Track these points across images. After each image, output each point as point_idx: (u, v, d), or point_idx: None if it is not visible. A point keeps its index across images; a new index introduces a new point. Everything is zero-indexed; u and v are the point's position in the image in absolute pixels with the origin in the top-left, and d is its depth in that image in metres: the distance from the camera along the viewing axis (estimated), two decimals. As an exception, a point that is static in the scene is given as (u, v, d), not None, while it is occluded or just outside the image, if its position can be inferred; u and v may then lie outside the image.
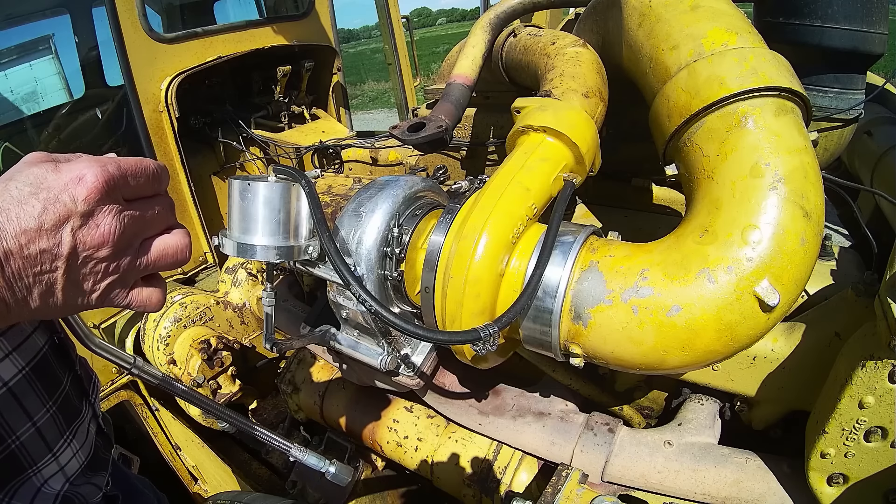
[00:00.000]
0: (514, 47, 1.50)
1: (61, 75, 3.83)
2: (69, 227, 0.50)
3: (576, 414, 1.40)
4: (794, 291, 0.81)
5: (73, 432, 0.79)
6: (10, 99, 3.65)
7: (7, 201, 0.48)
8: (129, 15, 2.50)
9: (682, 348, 0.83)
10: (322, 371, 1.85)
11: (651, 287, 0.84)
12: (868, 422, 0.89)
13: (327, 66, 3.54)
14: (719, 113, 0.88)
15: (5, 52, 3.63)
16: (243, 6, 3.99)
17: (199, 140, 3.14)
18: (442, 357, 1.33)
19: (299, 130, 3.34)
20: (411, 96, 4.46)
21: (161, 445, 2.53)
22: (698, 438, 1.23)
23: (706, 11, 0.99)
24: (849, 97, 1.23)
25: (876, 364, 0.86)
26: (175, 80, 2.65)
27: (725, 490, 1.11)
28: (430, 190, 1.19)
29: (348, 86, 4.03)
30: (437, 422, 1.58)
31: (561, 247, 0.93)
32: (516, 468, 1.39)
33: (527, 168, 0.99)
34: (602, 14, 1.27)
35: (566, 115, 1.05)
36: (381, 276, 1.06)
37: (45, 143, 3.26)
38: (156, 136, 2.68)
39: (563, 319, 0.91)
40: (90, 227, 0.51)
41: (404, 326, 0.79)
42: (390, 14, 4.10)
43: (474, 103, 1.79)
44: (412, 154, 2.23)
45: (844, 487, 0.97)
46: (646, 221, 1.51)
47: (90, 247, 0.52)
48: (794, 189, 0.80)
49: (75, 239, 0.50)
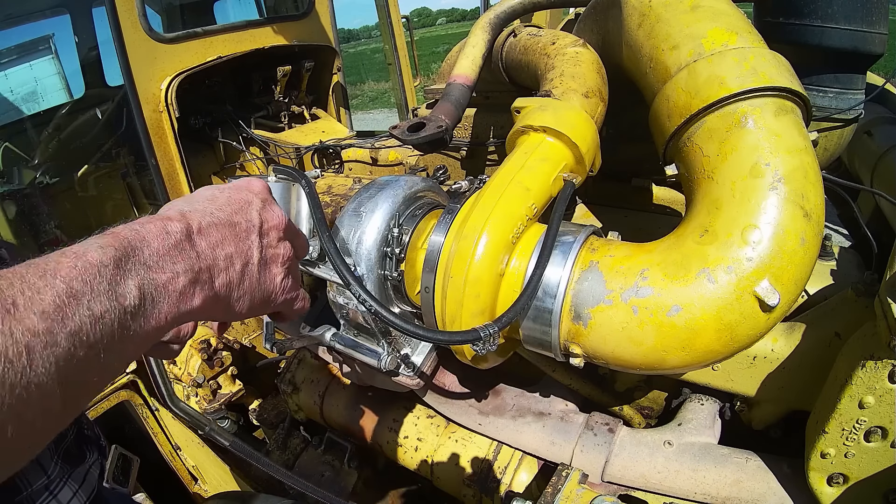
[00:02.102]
0: (514, 47, 1.50)
1: (61, 75, 3.83)
2: (255, 207, 0.60)
3: (576, 414, 1.40)
4: (794, 291, 0.81)
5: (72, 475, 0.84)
6: (10, 99, 3.66)
7: (201, 198, 0.58)
8: (129, 15, 2.50)
9: (682, 348, 0.83)
10: (322, 371, 1.85)
11: (651, 287, 0.84)
12: (868, 422, 0.89)
13: (327, 66, 3.54)
14: (719, 113, 0.88)
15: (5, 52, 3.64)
16: (243, 6, 3.99)
17: (199, 140, 3.14)
18: (442, 357, 1.33)
19: (299, 130, 3.34)
20: (411, 96, 4.45)
21: (161, 445, 2.53)
22: (698, 438, 1.23)
23: (706, 11, 0.99)
24: (849, 97, 1.23)
25: (876, 364, 0.86)
26: (175, 80, 2.65)
27: (725, 490, 1.11)
28: (430, 190, 1.19)
29: (348, 86, 4.03)
30: (437, 422, 1.58)
31: (561, 247, 0.93)
32: (516, 468, 1.39)
33: (527, 168, 0.99)
34: (602, 14, 1.27)
35: (566, 115, 1.05)
36: (381, 276, 1.06)
37: (45, 142, 3.27)
38: (156, 136, 2.68)
39: (563, 319, 0.91)
40: (268, 210, 0.62)
41: (404, 326, 0.79)
42: (390, 14, 4.10)
43: (474, 103, 1.79)
44: (412, 154, 2.23)
45: (844, 487, 0.97)
46: (646, 221, 1.51)
47: (271, 226, 0.61)
48: (794, 189, 0.80)
49: (261, 216, 0.60)
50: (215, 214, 0.56)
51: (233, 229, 0.56)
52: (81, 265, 0.41)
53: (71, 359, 0.39)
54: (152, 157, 2.67)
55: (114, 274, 0.43)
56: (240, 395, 2.88)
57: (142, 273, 0.46)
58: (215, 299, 0.54)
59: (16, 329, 0.35)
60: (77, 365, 0.39)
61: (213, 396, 2.81)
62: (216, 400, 2.80)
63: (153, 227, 0.49)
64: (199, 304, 0.51)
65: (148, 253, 0.47)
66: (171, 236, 0.49)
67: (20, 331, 0.36)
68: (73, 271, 0.41)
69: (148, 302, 0.46)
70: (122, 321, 0.43)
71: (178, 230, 0.50)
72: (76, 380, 0.40)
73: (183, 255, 0.50)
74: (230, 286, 0.56)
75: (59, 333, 0.38)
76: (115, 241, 0.45)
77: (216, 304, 0.55)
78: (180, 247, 0.50)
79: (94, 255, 0.43)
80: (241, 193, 0.61)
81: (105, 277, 0.42)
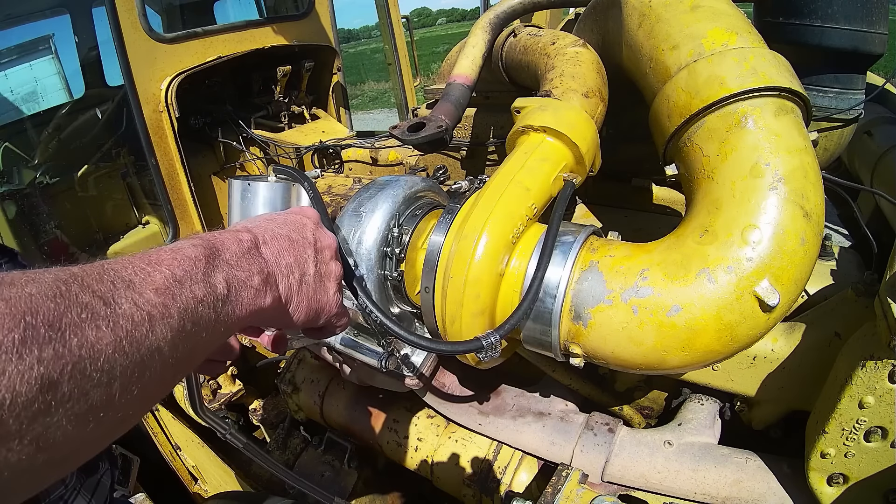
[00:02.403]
0: (514, 47, 1.50)
1: (61, 75, 3.83)
2: (309, 228, 0.67)
3: (576, 414, 1.40)
4: (794, 291, 0.81)
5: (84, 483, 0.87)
6: (10, 99, 3.66)
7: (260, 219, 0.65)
8: (129, 15, 2.50)
9: (682, 348, 0.83)
10: (322, 371, 1.85)
11: (651, 287, 0.84)
12: (868, 422, 0.89)
13: (327, 66, 3.54)
14: (719, 113, 0.88)
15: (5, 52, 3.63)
16: (243, 6, 3.99)
17: (199, 140, 3.13)
18: (442, 357, 1.33)
19: (299, 130, 3.34)
20: (411, 96, 4.45)
21: (161, 445, 2.52)
22: (698, 438, 1.23)
23: (706, 11, 0.99)
24: (849, 97, 1.23)
25: (876, 364, 0.86)
26: (175, 80, 2.65)
27: (725, 490, 1.11)
28: (430, 190, 1.19)
29: (348, 86, 4.03)
30: (437, 422, 1.58)
31: (561, 247, 0.93)
32: (516, 468, 1.39)
33: (527, 168, 0.99)
34: (602, 14, 1.27)
35: (566, 115, 1.05)
36: (381, 276, 1.06)
37: (45, 142, 3.27)
38: (156, 136, 2.68)
39: (563, 319, 0.91)
40: (321, 231, 0.69)
41: (407, 337, 0.79)
42: (390, 14, 4.10)
43: (474, 103, 1.79)
44: (412, 154, 2.23)
45: (844, 487, 0.97)
46: (646, 221, 1.51)
47: (324, 244, 0.68)
48: (794, 189, 0.80)
49: (314, 235, 0.67)
50: (275, 231, 0.63)
51: (291, 243, 0.63)
52: (180, 257, 0.48)
53: (181, 332, 0.45)
54: (152, 157, 2.67)
55: (206, 267, 0.50)
56: (240, 395, 2.88)
57: (226, 269, 0.53)
58: (278, 303, 0.60)
59: (137, 299, 0.41)
60: (185, 339, 0.45)
61: (213, 396, 2.81)
62: (216, 400, 2.81)
63: (229, 235, 0.57)
64: (269, 303, 0.58)
65: (228, 254, 0.54)
66: (243, 243, 0.57)
67: (141, 301, 0.42)
68: (174, 262, 0.47)
69: (233, 293, 0.52)
70: (216, 306, 0.50)
71: (248, 239, 0.58)
72: (184, 353, 0.46)
73: (254, 259, 0.57)
74: (290, 292, 0.62)
75: (172, 308, 0.44)
76: (203, 242, 0.53)
77: (278, 308, 0.61)
78: (251, 252, 0.57)
79: (189, 251, 0.50)
80: (295, 216, 0.68)
81: (199, 269, 0.49)
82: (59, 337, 0.34)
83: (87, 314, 0.37)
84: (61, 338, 0.34)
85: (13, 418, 0.31)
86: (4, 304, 0.33)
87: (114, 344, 0.38)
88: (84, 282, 0.39)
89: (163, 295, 0.44)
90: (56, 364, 0.34)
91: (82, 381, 0.35)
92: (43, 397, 0.33)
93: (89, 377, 0.36)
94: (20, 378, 0.31)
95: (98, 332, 0.37)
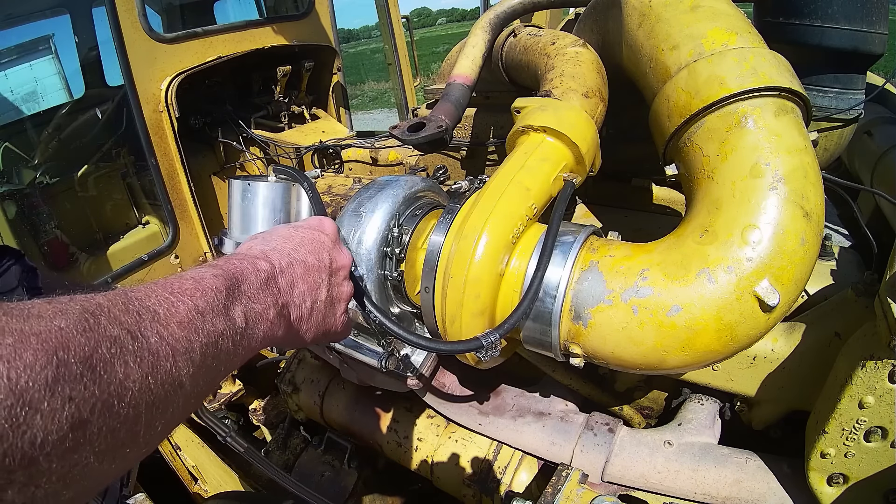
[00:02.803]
0: (514, 47, 1.50)
1: (61, 75, 3.83)
2: (326, 249, 0.67)
3: (576, 414, 1.40)
4: (794, 291, 0.81)
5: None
6: (10, 99, 3.66)
7: (277, 236, 0.65)
8: (129, 15, 2.50)
9: (682, 348, 0.83)
10: (322, 371, 1.85)
11: (651, 287, 0.84)
12: (868, 422, 0.89)
13: (327, 66, 3.54)
14: (719, 113, 0.88)
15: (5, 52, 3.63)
16: (243, 6, 4.00)
17: (199, 140, 3.14)
18: (442, 357, 1.33)
19: (299, 130, 3.34)
20: (411, 96, 4.45)
21: (161, 445, 2.52)
22: (698, 438, 1.23)
23: (706, 11, 0.99)
24: (849, 97, 1.23)
25: (876, 364, 0.85)
26: (175, 80, 2.65)
27: (725, 490, 1.11)
28: (430, 190, 1.19)
29: (348, 86, 4.03)
30: (437, 422, 1.58)
31: (561, 247, 0.93)
32: (516, 468, 1.39)
33: (527, 168, 0.99)
34: (602, 14, 1.27)
35: (566, 115, 1.05)
36: (381, 276, 1.06)
37: (45, 142, 3.26)
38: (156, 136, 2.68)
39: (563, 319, 0.91)
40: (337, 250, 0.69)
41: (407, 337, 0.79)
42: (390, 14, 4.10)
43: (474, 103, 1.79)
44: (412, 154, 2.23)
45: (844, 487, 0.97)
46: (646, 221, 1.51)
47: (339, 265, 0.68)
48: (794, 189, 0.80)
49: (331, 256, 0.67)
50: (292, 255, 0.63)
51: (306, 269, 0.63)
52: (202, 288, 0.48)
53: (203, 366, 0.45)
54: (152, 157, 2.67)
55: (226, 299, 0.50)
56: (240, 395, 2.88)
57: (244, 302, 0.53)
58: (290, 330, 0.61)
59: (163, 332, 0.41)
60: (206, 373, 0.46)
61: (213, 396, 2.81)
62: (216, 400, 2.80)
63: (248, 264, 0.57)
64: (281, 334, 0.59)
65: (246, 286, 0.54)
66: (261, 273, 0.57)
67: (166, 335, 0.42)
68: (197, 292, 0.47)
69: (250, 326, 0.53)
70: (235, 339, 0.50)
71: (266, 269, 0.58)
72: (204, 386, 0.46)
73: (270, 290, 0.57)
74: (301, 320, 0.63)
75: (195, 342, 0.44)
76: (223, 272, 0.52)
77: (289, 333, 0.62)
78: (268, 283, 0.58)
79: (209, 282, 0.50)
80: (314, 234, 0.68)
81: (220, 301, 0.49)
82: (91, 374, 0.34)
83: (117, 349, 0.37)
84: (92, 375, 0.34)
85: (44, 457, 0.31)
86: (36, 340, 0.32)
87: (141, 380, 0.38)
88: (111, 313, 0.38)
89: (186, 329, 0.44)
90: (87, 402, 0.33)
91: (110, 418, 0.35)
92: (73, 435, 0.32)
93: (117, 414, 0.36)
94: (52, 417, 0.31)
95: (126, 368, 0.37)
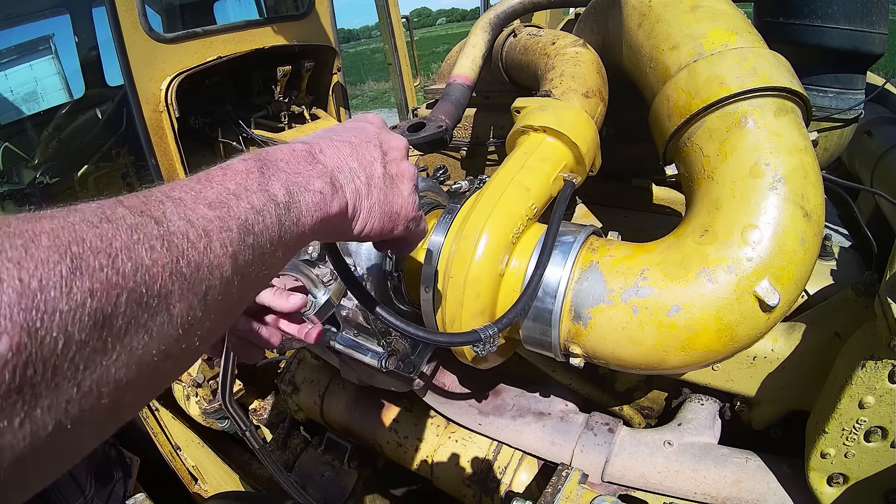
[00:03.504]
0: (514, 47, 1.50)
1: (61, 75, 3.84)
2: (372, 131, 0.63)
3: (576, 414, 1.40)
4: (794, 291, 0.81)
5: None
6: (10, 99, 3.66)
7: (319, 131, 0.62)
8: (129, 15, 2.50)
9: (682, 348, 0.83)
10: (322, 371, 1.85)
11: (651, 287, 0.84)
12: (868, 422, 0.89)
13: (327, 66, 3.55)
14: (719, 113, 0.88)
15: (5, 52, 3.64)
16: (243, 6, 4.00)
17: (199, 140, 3.14)
18: (442, 357, 1.33)
19: (299, 130, 3.34)
20: (411, 96, 4.46)
21: (161, 445, 2.52)
22: (698, 438, 1.23)
23: (706, 11, 0.99)
24: (849, 97, 1.23)
25: (876, 364, 0.85)
26: (175, 80, 2.66)
27: (725, 490, 1.11)
28: (430, 190, 1.19)
29: (348, 86, 4.03)
30: (437, 422, 1.58)
31: (561, 247, 0.93)
32: (516, 468, 1.39)
33: (527, 168, 0.99)
34: (602, 14, 1.27)
35: (566, 115, 1.05)
36: (381, 276, 1.06)
37: (45, 142, 3.27)
38: (156, 136, 2.68)
39: (563, 319, 0.91)
40: (387, 133, 0.65)
41: (404, 328, 0.79)
42: (390, 14, 4.10)
43: (474, 103, 1.79)
44: (412, 154, 2.23)
45: (844, 487, 0.97)
46: (646, 221, 1.51)
47: (392, 145, 0.64)
48: (794, 189, 0.80)
49: (379, 137, 0.63)
50: (332, 137, 0.59)
51: (353, 147, 0.59)
52: (231, 172, 0.45)
53: (242, 246, 0.41)
54: (152, 157, 2.68)
55: (260, 177, 0.46)
56: (240, 394, 2.87)
57: (283, 176, 0.48)
58: (346, 209, 0.56)
59: (191, 215, 0.38)
60: (247, 254, 0.42)
61: (213, 396, 2.81)
62: (216, 400, 2.80)
63: (280, 147, 0.53)
64: (336, 210, 0.53)
65: (283, 163, 0.50)
66: (297, 153, 0.53)
67: (195, 217, 0.38)
68: (225, 177, 0.44)
69: (294, 199, 0.48)
70: (279, 215, 0.46)
71: (303, 149, 0.54)
72: (247, 270, 0.42)
73: (313, 165, 0.53)
74: (359, 196, 0.57)
75: (230, 220, 0.40)
76: (254, 156, 0.48)
77: (347, 216, 0.56)
78: (308, 160, 0.53)
79: (239, 165, 0.46)
80: (356, 122, 0.65)
81: (254, 180, 0.45)
82: (111, 263, 0.30)
83: (139, 235, 0.33)
84: (112, 264, 0.30)
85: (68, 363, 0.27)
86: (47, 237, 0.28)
87: (171, 265, 0.34)
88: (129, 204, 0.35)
89: (217, 208, 0.40)
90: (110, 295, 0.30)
91: (139, 310, 0.32)
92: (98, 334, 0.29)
93: (146, 305, 0.32)
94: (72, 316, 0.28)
95: (153, 252, 0.33)
